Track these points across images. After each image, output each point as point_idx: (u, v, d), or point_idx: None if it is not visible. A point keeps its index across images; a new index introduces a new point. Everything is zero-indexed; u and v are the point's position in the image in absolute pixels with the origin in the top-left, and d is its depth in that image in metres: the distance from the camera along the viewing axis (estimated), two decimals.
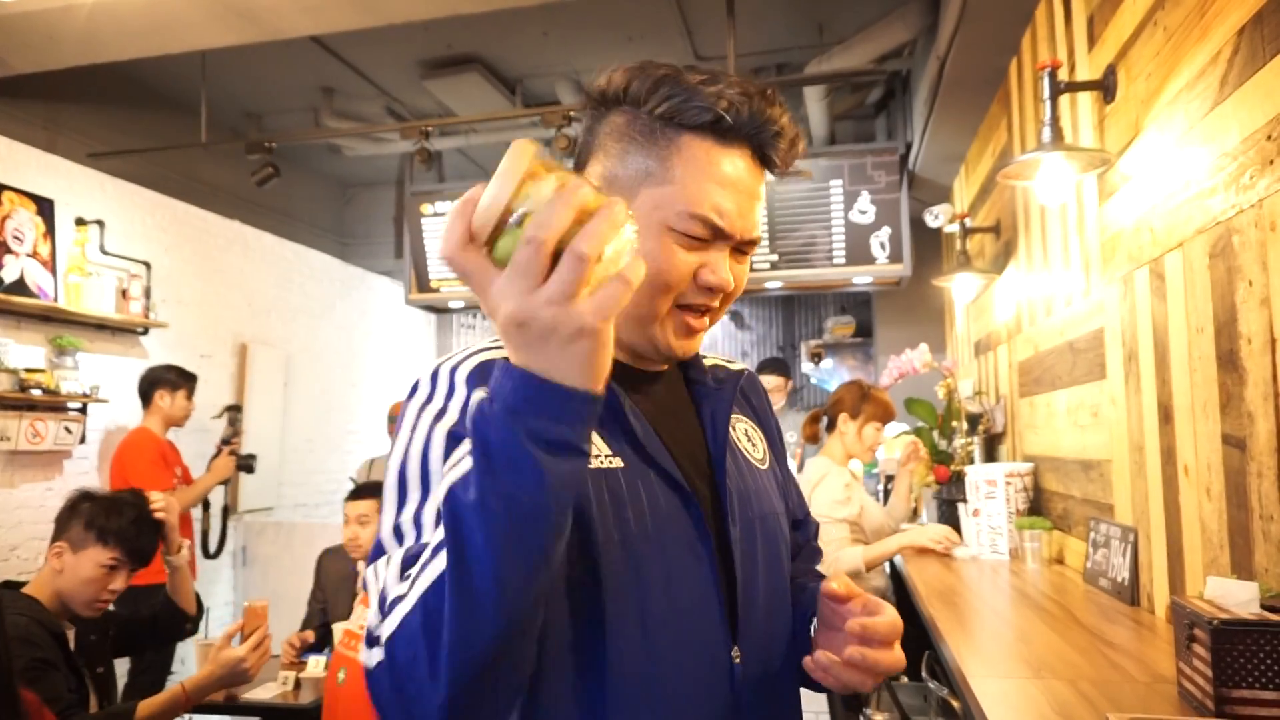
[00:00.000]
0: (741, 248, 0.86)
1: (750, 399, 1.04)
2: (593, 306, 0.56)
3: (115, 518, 2.06)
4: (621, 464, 0.83)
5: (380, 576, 0.69)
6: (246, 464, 4.29)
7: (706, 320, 0.87)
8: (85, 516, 2.05)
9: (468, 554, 0.59)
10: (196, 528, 4.28)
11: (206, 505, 4.33)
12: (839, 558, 2.84)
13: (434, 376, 0.82)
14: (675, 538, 0.83)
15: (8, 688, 1.33)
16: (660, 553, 0.81)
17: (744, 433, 0.98)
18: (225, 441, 4.29)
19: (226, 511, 4.58)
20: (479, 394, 0.61)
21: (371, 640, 0.66)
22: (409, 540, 0.71)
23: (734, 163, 0.82)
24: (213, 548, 4.42)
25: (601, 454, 0.82)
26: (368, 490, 3.13)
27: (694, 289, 0.84)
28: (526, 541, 0.60)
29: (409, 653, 0.62)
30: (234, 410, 4.42)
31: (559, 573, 0.73)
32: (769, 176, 0.87)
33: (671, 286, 0.83)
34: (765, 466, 0.98)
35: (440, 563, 0.62)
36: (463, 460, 0.62)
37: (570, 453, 0.60)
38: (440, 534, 0.63)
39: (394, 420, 4.21)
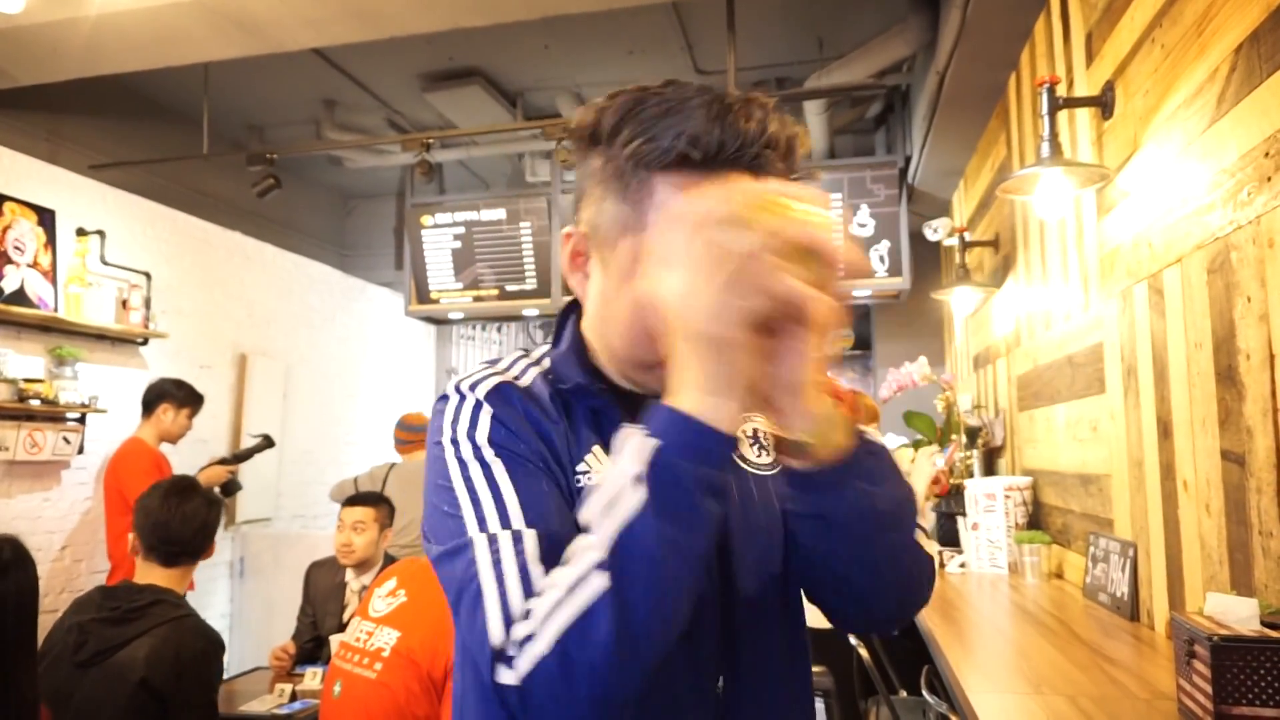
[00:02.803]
0: None
1: None
2: (728, 304, 0.61)
3: None
4: None
5: (487, 596, 0.69)
6: (230, 486, 4.26)
7: None
8: None
9: (632, 603, 0.62)
10: None
11: None
12: None
13: (459, 393, 0.83)
14: None
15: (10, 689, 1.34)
16: None
17: (752, 433, 0.93)
18: (234, 458, 4.27)
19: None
20: (646, 441, 0.64)
21: (501, 659, 0.66)
22: (509, 578, 0.70)
23: None
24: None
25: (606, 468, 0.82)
26: (365, 498, 3.12)
27: None
28: (687, 582, 0.65)
29: (550, 694, 0.64)
30: (267, 443, 4.41)
31: None
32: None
33: (661, 340, 0.80)
34: (775, 472, 0.92)
35: (578, 603, 0.64)
36: (621, 504, 0.64)
37: (719, 494, 0.66)
38: (568, 572, 0.65)
39: (404, 429, 4.21)
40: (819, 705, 2.92)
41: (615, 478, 0.65)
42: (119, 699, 1.83)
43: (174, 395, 4.09)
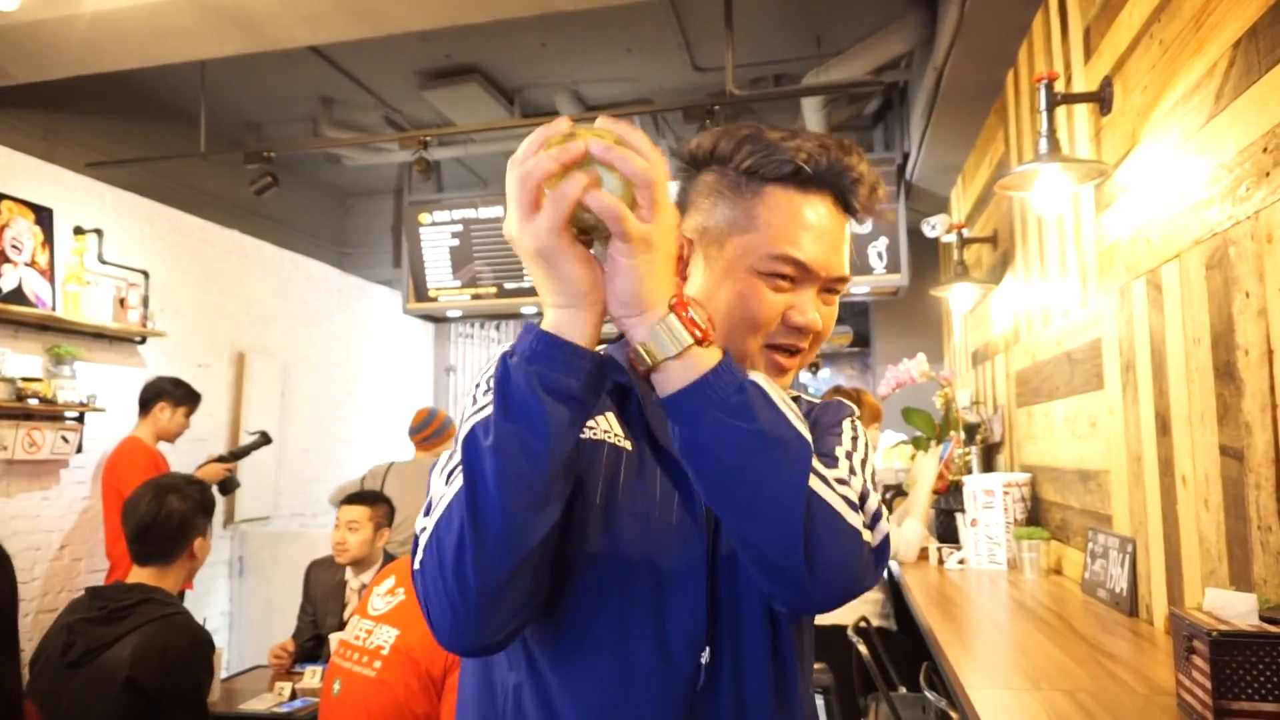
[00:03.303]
0: (830, 287, 0.90)
1: (816, 414, 0.98)
2: (536, 222, 0.70)
3: None
4: (630, 446, 0.89)
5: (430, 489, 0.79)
6: (228, 484, 4.26)
7: (796, 360, 0.91)
8: None
9: (478, 490, 0.70)
10: None
11: None
12: (904, 537, 2.93)
13: (500, 361, 0.92)
14: (668, 524, 0.86)
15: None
16: (647, 533, 0.85)
17: None
18: (231, 455, 4.27)
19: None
20: (503, 349, 0.74)
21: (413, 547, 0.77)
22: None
23: (815, 208, 0.88)
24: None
25: (613, 432, 0.89)
26: (362, 497, 3.12)
27: (782, 330, 0.88)
28: (531, 479, 0.70)
29: (432, 578, 0.72)
30: (264, 440, 4.40)
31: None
32: (854, 225, 0.93)
33: (760, 326, 0.88)
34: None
35: (446, 499, 0.73)
36: (484, 407, 0.74)
37: (570, 401, 0.72)
38: (456, 473, 0.73)
39: (417, 429, 4.20)
40: (819, 702, 2.93)
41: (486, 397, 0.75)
42: (106, 698, 1.82)
43: (171, 394, 4.09)
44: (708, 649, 0.84)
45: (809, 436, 0.77)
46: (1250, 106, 1.40)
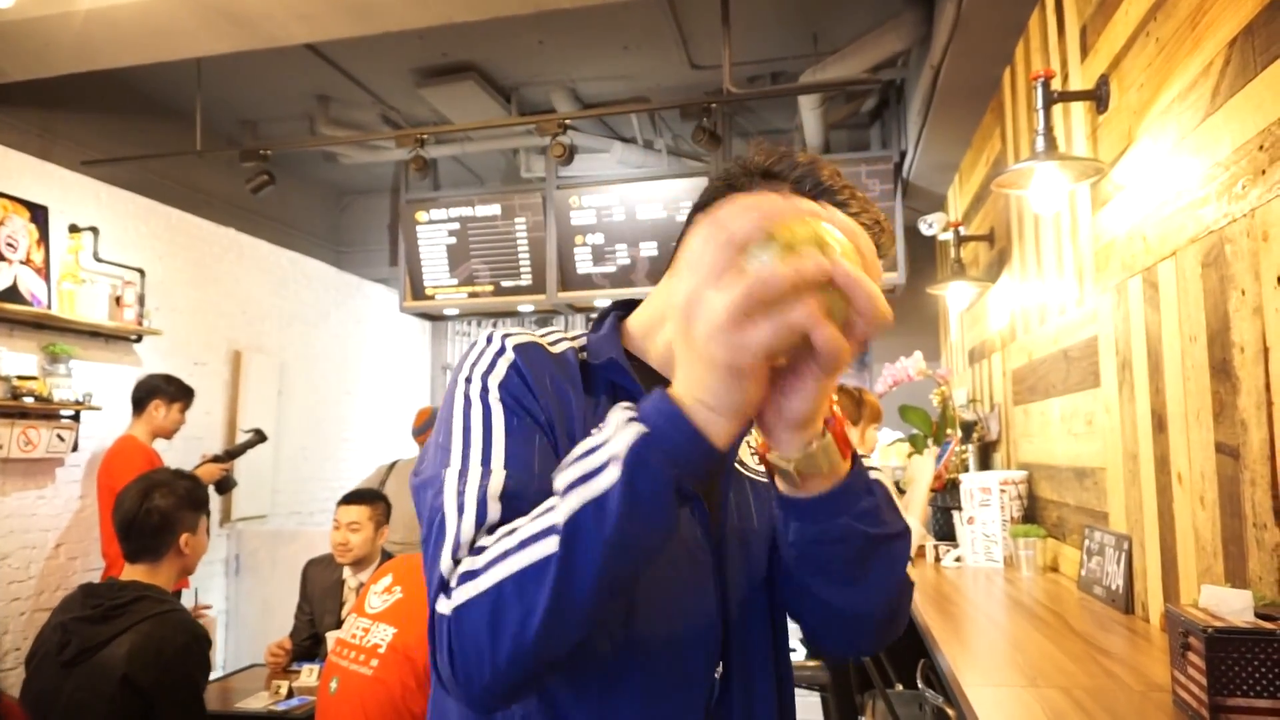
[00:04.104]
0: None
1: None
2: (747, 340, 0.59)
3: None
4: None
5: (448, 525, 0.73)
6: (224, 483, 4.25)
7: None
8: None
9: (575, 578, 0.64)
10: None
11: None
12: None
13: (489, 339, 0.88)
14: (679, 540, 0.84)
15: None
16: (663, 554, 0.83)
17: (748, 442, 0.98)
18: (226, 455, 4.26)
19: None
20: (632, 422, 0.65)
21: (444, 588, 0.70)
22: (468, 509, 0.74)
23: None
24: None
25: None
26: (359, 496, 3.10)
27: None
28: (632, 575, 0.67)
29: (473, 634, 0.67)
30: (259, 438, 4.39)
31: None
32: None
33: None
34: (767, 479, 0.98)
35: (525, 559, 0.66)
36: (593, 480, 0.64)
37: (688, 503, 0.70)
38: (527, 526, 0.67)
39: (420, 429, 4.18)
40: (816, 700, 2.93)
41: (598, 451, 0.66)
42: (103, 697, 1.82)
43: (165, 391, 4.08)
44: (720, 662, 0.85)
45: (908, 525, 0.83)
46: (1246, 104, 1.40)
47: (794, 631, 0.96)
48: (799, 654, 3.17)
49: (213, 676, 3.05)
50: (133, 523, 2.04)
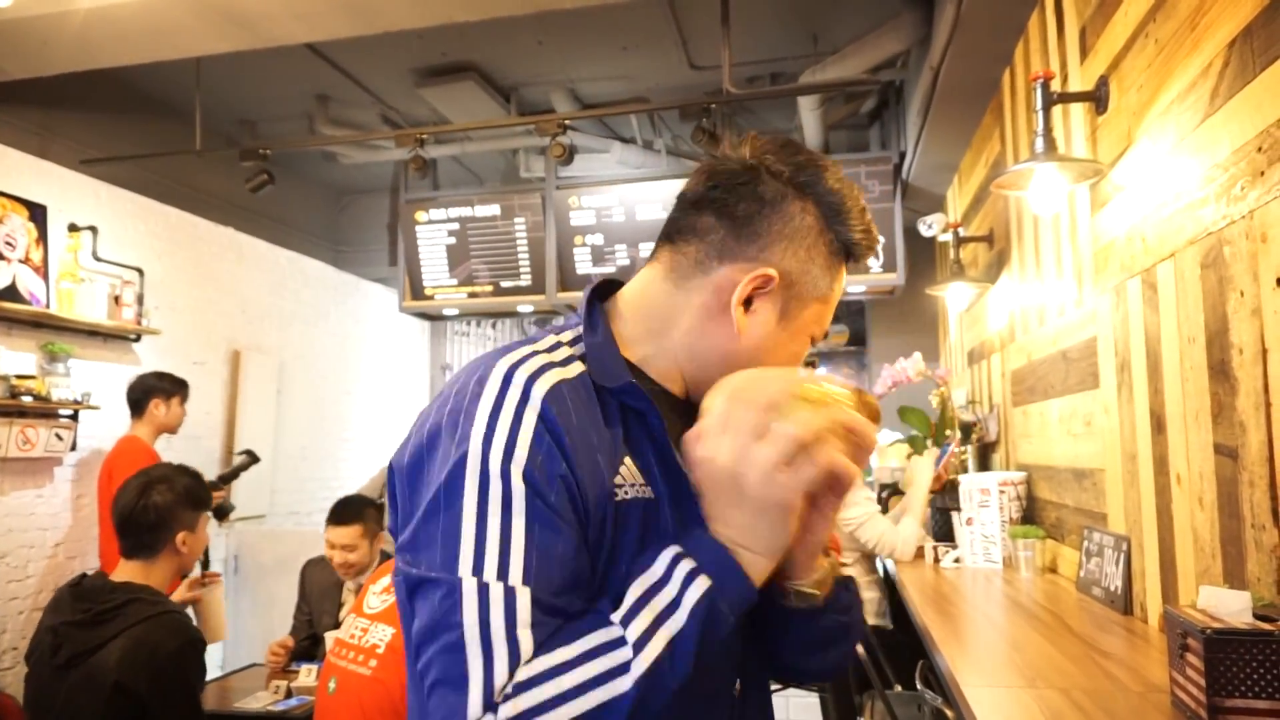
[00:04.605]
0: None
1: None
2: (795, 478, 0.72)
3: None
4: (651, 495, 0.82)
5: (472, 667, 0.68)
6: (222, 509, 4.20)
7: None
8: None
9: (651, 713, 0.68)
10: None
11: None
12: (902, 536, 2.93)
13: (507, 379, 0.78)
14: None
15: None
16: None
17: None
18: (221, 480, 4.23)
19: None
20: (697, 575, 0.71)
21: (489, 706, 0.67)
22: (498, 648, 0.69)
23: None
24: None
25: (636, 483, 0.81)
26: (347, 514, 2.96)
27: None
28: (692, 709, 0.71)
29: None
30: (252, 459, 4.36)
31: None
32: None
33: None
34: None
35: (593, 700, 0.67)
36: (664, 627, 0.69)
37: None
38: (589, 666, 0.68)
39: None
40: (815, 700, 2.93)
41: (661, 595, 0.71)
42: (96, 702, 1.79)
43: (160, 389, 4.07)
44: (739, 682, 0.88)
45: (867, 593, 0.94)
46: (1245, 106, 1.40)
47: None
48: None
49: (212, 676, 3.06)
50: (130, 517, 2.01)
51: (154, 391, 4.06)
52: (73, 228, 4.21)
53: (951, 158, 4.09)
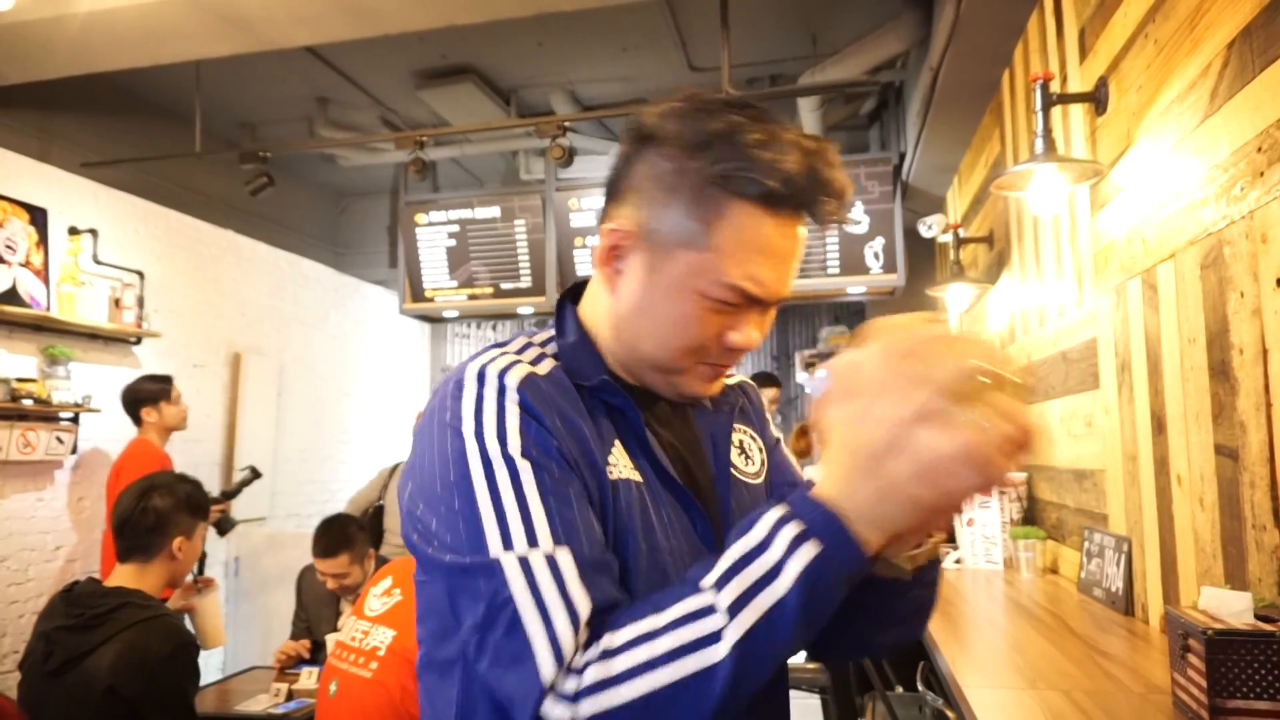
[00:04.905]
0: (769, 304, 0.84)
1: (747, 406, 1.04)
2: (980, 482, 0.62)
3: None
4: (640, 478, 0.83)
5: (532, 632, 0.68)
6: (224, 524, 4.19)
7: (727, 368, 0.89)
8: None
9: (745, 684, 0.65)
10: None
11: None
12: None
13: (480, 378, 0.80)
14: (685, 554, 0.84)
15: None
16: (677, 566, 0.82)
17: (739, 444, 0.98)
18: (224, 495, 4.22)
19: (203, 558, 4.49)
20: (805, 539, 0.65)
21: (557, 697, 0.65)
22: (554, 608, 0.69)
23: (783, 232, 0.79)
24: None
25: (625, 464, 0.83)
26: (333, 547, 2.90)
27: (718, 349, 0.83)
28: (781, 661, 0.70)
29: None
30: (254, 475, 4.34)
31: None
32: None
33: (700, 350, 0.83)
34: (760, 480, 0.98)
35: (685, 669, 0.64)
36: (764, 593, 0.65)
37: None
38: (675, 634, 0.66)
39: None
40: (816, 702, 2.93)
41: (762, 559, 0.66)
42: (89, 707, 1.78)
43: (145, 395, 4.00)
44: None
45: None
46: (1245, 106, 1.40)
47: None
48: (798, 657, 3.17)
49: (212, 679, 3.06)
50: (128, 521, 2.02)
51: (141, 401, 4.00)
52: (73, 231, 4.22)
53: (951, 159, 4.09)
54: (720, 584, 0.66)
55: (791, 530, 0.65)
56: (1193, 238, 1.59)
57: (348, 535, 2.93)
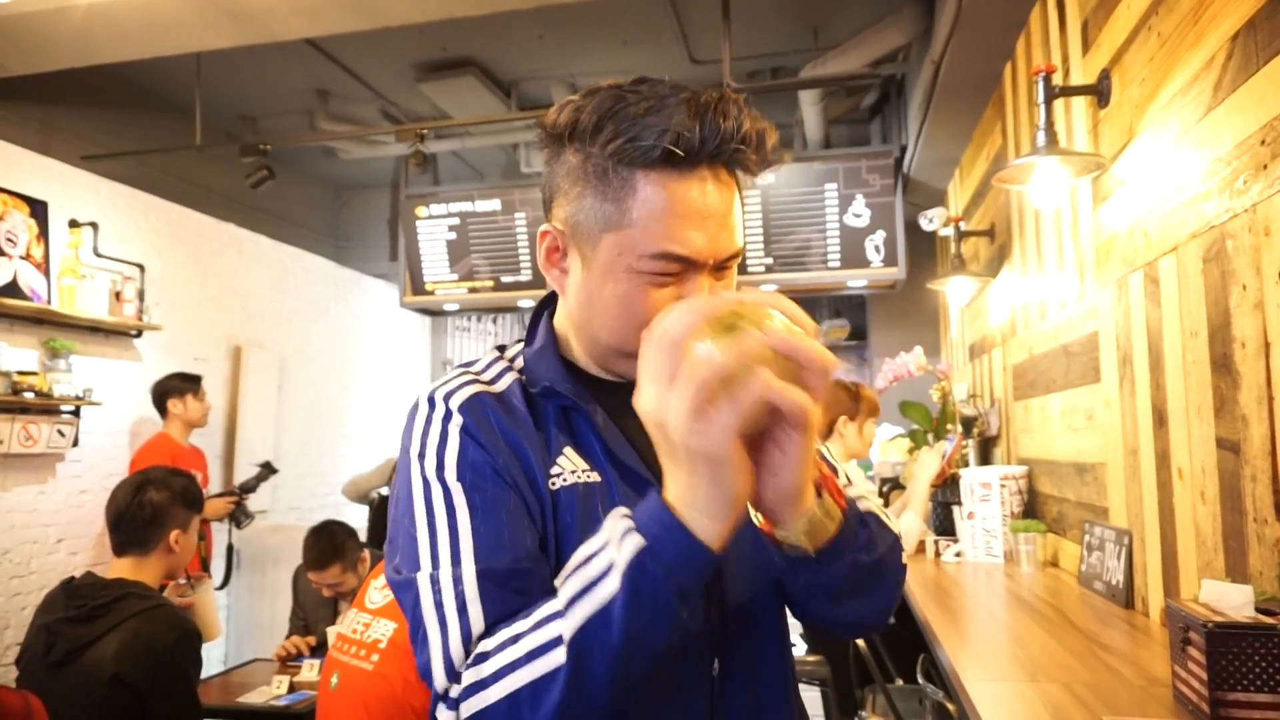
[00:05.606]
0: (722, 264, 0.82)
1: None
2: (714, 423, 0.62)
3: None
4: (599, 478, 0.85)
5: (432, 642, 0.74)
6: (239, 517, 4.22)
7: None
8: None
9: (587, 685, 0.66)
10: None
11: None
12: (903, 531, 2.89)
13: (430, 401, 0.86)
14: None
15: None
16: None
17: None
18: (241, 489, 4.25)
19: (231, 550, 4.51)
20: (631, 533, 0.66)
21: (446, 701, 0.72)
22: (451, 624, 0.74)
23: (698, 189, 0.78)
24: (218, 580, 4.38)
25: (578, 469, 0.85)
26: (324, 559, 2.91)
27: None
28: (644, 676, 0.68)
29: None
30: (269, 471, 4.39)
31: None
32: (760, 178, 0.86)
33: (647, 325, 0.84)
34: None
35: (533, 672, 0.68)
36: (595, 590, 0.67)
37: (692, 602, 0.68)
38: (531, 636, 0.69)
39: None
40: (816, 694, 2.94)
41: (596, 559, 0.68)
42: (94, 697, 1.79)
43: (175, 388, 4.17)
44: (716, 660, 0.84)
45: (897, 527, 0.88)
46: (1248, 99, 1.40)
47: (794, 626, 0.95)
48: (799, 649, 3.18)
49: (215, 671, 3.06)
50: (124, 515, 2.03)
51: (169, 392, 4.16)
52: (73, 224, 4.21)
53: (953, 152, 4.08)
54: (565, 585, 0.70)
55: (622, 527, 0.68)
56: (1195, 231, 1.59)
57: (337, 546, 2.94)
